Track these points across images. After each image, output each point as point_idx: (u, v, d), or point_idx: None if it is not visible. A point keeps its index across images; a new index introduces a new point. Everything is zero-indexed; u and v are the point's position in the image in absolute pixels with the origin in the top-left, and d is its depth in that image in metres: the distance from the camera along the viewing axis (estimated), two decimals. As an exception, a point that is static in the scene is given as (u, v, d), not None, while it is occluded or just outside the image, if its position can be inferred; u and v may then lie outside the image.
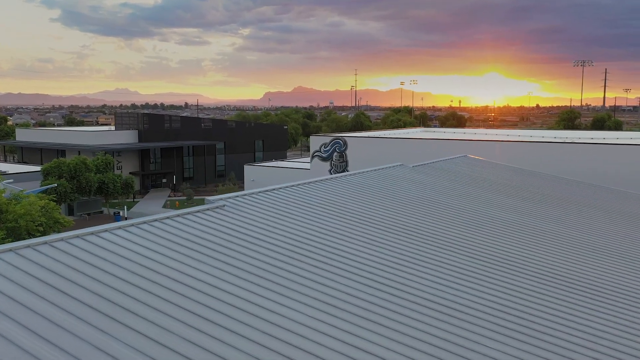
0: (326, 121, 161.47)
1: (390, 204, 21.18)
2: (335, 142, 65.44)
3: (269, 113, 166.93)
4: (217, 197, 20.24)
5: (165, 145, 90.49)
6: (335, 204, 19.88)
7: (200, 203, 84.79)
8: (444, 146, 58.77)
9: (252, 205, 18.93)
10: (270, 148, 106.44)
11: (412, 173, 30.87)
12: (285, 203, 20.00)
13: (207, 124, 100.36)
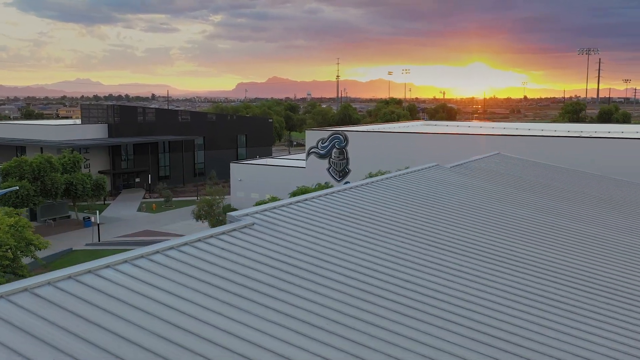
0: (310, 113, 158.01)
1: (438, 213, 19.72)
2: (334, 137, 62.07)
3: (249, 105, 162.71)
4: (242, 213, 17.21)
5: (138, 140, 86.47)
6: (380, 216, 18.15)
7: (180, 205, 79.65)
8: (455, 142, 55.91)
9: (284, 222, 16.32)
10: (254, 143, 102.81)
11: (451, 175, 28.12)
12: (321, 217, 17.47)
13: (185, 117, 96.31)
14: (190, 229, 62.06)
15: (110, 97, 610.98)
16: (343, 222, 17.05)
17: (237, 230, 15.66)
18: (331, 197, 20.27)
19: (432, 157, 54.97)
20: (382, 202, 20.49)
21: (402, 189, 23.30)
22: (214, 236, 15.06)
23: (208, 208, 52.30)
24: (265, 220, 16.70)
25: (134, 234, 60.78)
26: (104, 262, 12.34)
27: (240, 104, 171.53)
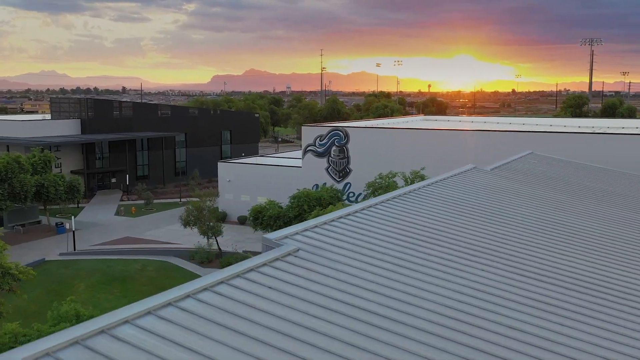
0: (296, 108, 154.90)
1: (494, 225, 18.01)
2: (333, 133, 59.19)
3: (231, 99, 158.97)
4: (280, 235, 14.86)
5: (114, 137, 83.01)
6: (429, 230, 16.34)
7: (162, 208, 75.19)
8: (471, 139, 53.49)
9: (330, 245, 13.94)
10: (240, 140, 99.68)
11: (494, 179, 25.97)
12: (369, 236, 15.01)
13: (165, 112, 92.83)
14: (176, 235, 58.91)
15: (77, 90, 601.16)
16: (392, 241, 14.94)
17: (280, 259, 12.93)
18: (373, 211, 17.88)
19: (445, 156, 52.61)
20: (429, 213, 18.40)
21: (448, 197, 20.89)
22: (254, 269, 12.34)
23: (197, 213, 49.08)
24: (308, 244, 14.16)
25: (113, 242, 57.34)
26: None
27: (221, 97, 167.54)
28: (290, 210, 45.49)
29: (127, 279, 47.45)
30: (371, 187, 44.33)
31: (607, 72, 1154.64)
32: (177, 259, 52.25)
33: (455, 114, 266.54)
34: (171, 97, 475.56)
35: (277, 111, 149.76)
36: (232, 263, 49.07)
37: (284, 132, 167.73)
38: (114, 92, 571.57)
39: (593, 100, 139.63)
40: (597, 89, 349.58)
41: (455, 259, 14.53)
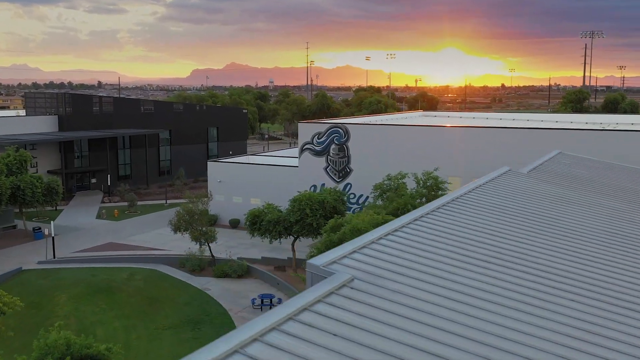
0: (284, 103, 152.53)
1: (549, 236, 16.44)
2: (333, 131, 57.12)
3: (215, 94, 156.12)
4: (327, 260, 12.80)
5: (94, 135, 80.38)
6: (483, 245, 14.72)
7: (147, 211, 72.13)
8: (474, 136, 52.11)
9: (386, 271, 12.00)
10: (227, 137, 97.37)
11: (534, 182, 24.07)
12: (423, 257, 13.21)
13: (148, 108, 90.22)
14: (164, 240, 56.56)
15: (51, 85, 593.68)
16: (452, 262, 13.18)
17: (335, 293, 10.82)
18: (420, 225, 16.12)
19: (458, 155, 50.87)
20: (482, 226, 16.50)
21: (497, 205, 19.19)
22: (308, 308, 10.28)
23: (189, 217, 46.74)
24: (361, 270, 12.24)
25: (96, 248, 54.82)
26: None
27: (205, 92, 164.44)
28: (291, 215, 43.32)
29: (114, 290, 45.07)
30: (379, 189, 42.33)
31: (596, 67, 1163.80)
32: (166, 266, 49.95)
33: (445, 109, 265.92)
34: (149, 92, 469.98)
35: (263, 107, 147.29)
36: (227, 271, 46.93)
37: (270, 129, 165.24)
38: (89, 87, 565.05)
39: (607, 95, 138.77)
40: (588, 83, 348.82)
41: (532, 285, 12.61)
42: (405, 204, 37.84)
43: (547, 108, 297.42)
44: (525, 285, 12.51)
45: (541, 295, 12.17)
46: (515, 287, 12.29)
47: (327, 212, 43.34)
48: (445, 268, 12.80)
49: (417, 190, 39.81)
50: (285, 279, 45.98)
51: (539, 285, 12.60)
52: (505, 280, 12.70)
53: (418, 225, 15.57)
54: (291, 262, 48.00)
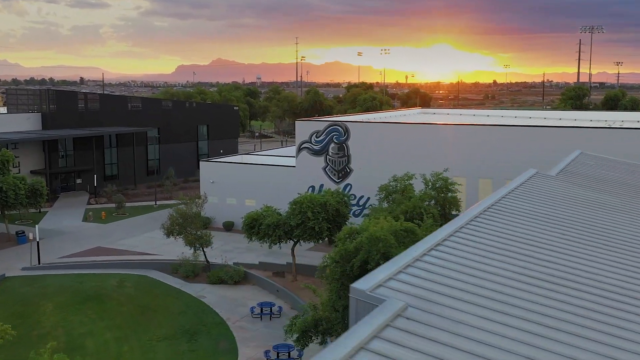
0: (275, 100, 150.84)
1: (595, 246, 15.26)
2: (332, 129, 55.73)
3: (204, 90, 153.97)
4: (372, 284, 11.09)
5: (79, 133, 78.60)
6: (549, 263, 13.41)
7: (135, 213, 70.11)
8: (484, 134, 51.00)
9: (437, 295, 10.76)
10: (218, 135, 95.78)
11: (570, 187, 22.79)
12: (472, 275, 11.93)
13: (136, 105, 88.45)
14: (155, 244, 54.99)
15: (31, 81, 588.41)
16: (504, 281, 11.91)
17: (390, 326, 9.37)
18: (461, 238, 14.36)
19: (467, 154, 49.65)
20: (528, 237, 15.17)
21: (537, 213, 18.17)
22: (364, 347, 8.82)
23: (183, 221, 45.12)
24: (412, 295, 11.00)
25: (83, 253, 53.10)
26: None
27: (194, 89, 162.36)
28: (292, 218, 41.80)
29: (103, 298, 43.42)
30: (384, 190, 40.98)
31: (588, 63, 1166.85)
32: (158, 272, 48.37)
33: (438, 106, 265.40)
34: (133, 88, 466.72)
35: (253, 104, 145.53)
36: (223, 278, 45.35)
37: (263, 126, 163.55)
38: (72, 83, 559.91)
39: (607, 91, 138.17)
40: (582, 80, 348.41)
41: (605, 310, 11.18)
42: (415, 206, 36.50)
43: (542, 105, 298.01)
44: (597, 309, 11.16)
45: (615, 321, 10.81)
46: (587, 312, 10.93)
47: (330, 215, 41.92)
48: (504, 290, 11.44)
49: (426, 192, 38.47)
50: (284, 285, 44.52)
51: (613, 310, 11.23)
52: (572, 303, 11.34)
53: (460, 238, 14.21)
54: (290, 267, 46.54)
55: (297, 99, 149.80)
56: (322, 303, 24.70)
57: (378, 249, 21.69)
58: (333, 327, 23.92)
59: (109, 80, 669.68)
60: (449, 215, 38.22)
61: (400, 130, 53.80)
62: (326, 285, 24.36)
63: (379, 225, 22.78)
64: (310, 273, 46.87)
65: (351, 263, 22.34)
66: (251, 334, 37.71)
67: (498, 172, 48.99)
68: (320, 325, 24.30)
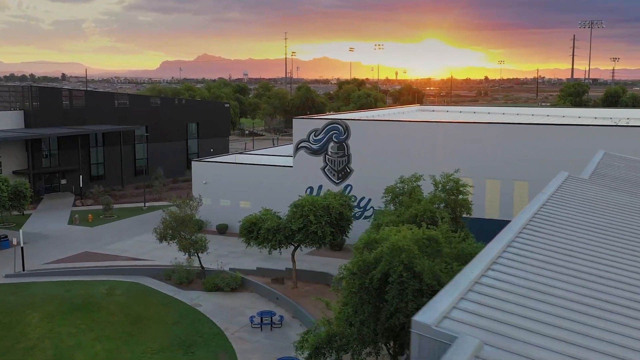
0: (265, 97, 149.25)
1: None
2: (331, 127, 54.32)
3: (192, 87, 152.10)
4: (435, 317, 10.79)
5: (64, 132, 76.81)
6: (621, 284, 12.07)
7: (124, 215, 68.76)
8: (499, 133, 49.68)
9: (515, 327, 9.46)
10: (208, 134, 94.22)
11: (603, 190, 21.47)
12: (544, 299, 10.69)
13: (123, 102, 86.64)
14: (145, 248, 53.41)
15: (12, 77, 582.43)
16: (574, 305, 10.67)
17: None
18: (513, 254, 13.29)
19: (480, 154, 48.44)
20: (578, 250, 13.95)
21: (579, 222, 17.06)
22: None
23: (177, 225, 43.52)
24: (483, 329, 9.60)
25: (70, 258, 51.36)
26: None
27: (181, 85, 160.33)
28: (293, 222, 40.27)
29: (92, 307, 41.74)
30: (390, 192, 39.48)
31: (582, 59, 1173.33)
32: (150, 279, 46.76)
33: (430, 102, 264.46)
34: (117, 85, 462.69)
35: (243, 100, 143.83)
36: (219, 284, 43.74)
37: (250, 124, 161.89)
38: (53, 79, 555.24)
39: (607, 88, 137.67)
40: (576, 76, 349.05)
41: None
42: (425, 210, 35.07)
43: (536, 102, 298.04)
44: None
45: None
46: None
47: (333, 219, 40.46)
48: (581, 319, 10.10)
49: (436, 195, 37.07)
50: (284, 292, 43.06)
51: None
52: None
53: (514, 254, 12.88)
54: (290, 273, 45.08)
55: (287, 95, 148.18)
56: (336, 317, 23.25)
57: (401, 260, 20.29)
58: (348, 343, 22.52)
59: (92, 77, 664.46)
60: (460, 219, 36.85)
61: (404, 129, 52.46)
62: (341, 299, 22.84)
63: (402, 234, 21.35)
64: (310, 279, 45.53)
65: (370, 275, 20.92)
66: (252, 345, 36.22)
67: (509, 172, 47.87)
68: (334, 341, 22.89)
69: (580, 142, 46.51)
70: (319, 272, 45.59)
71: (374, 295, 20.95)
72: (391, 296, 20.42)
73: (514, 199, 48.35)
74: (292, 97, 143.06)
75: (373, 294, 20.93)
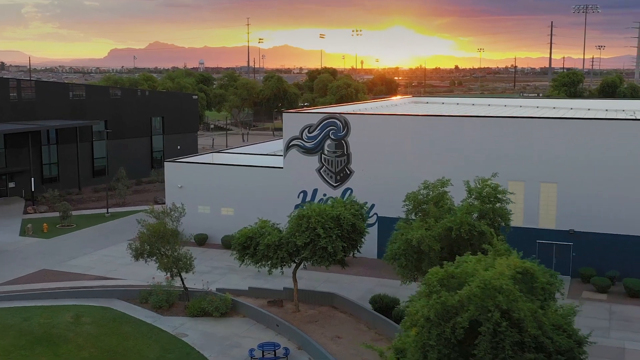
0: (231, 88, 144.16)
1: None
2: (328, 122, 50.57)
3: (151, 76, 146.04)
4: None
5: (11, 128, 71.98)
6: None
7: (84, 223, 63.72)
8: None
9: None
10: (175, 129, 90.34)
11: None
12: None
13: (79, 94, 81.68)
14: (112, 264, 49.10)
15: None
16: None
17: None
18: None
19: (509, 153, 44.96)
20: None
21: None
22: None
23: (156, 240, 38.90)
24: None
25: (25, 278, 46.49)
26: None
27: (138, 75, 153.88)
28: (298, 236, 35.96)
29: (56, 340, 37.04)
30: (412, 200, 35.63)
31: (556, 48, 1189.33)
32: (123, 302, 42.18)
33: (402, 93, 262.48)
34: (62, 75, 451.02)
35: (208, 92, 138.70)
36: (206, 309, 39.06)
37: (214, 117, 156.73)
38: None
39: (604, 77, 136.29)
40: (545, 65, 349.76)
41: None
42: (462, 222, 31.30)
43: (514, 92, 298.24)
44: None
45: None
46: None
47: (345, 232, 36.32)
48: None
49: (472, 204, 33.30)
50: (284, 317, 38.84)
51: None
52: None
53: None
54: (289, 293, 40.93)
55: (257, 86, 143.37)
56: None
57: (497, 304, 16.35)
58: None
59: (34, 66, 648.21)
60: (499, 232, 33.16)
61: (418, 125, 48.86)
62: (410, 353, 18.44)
63: (498, 269, 17.30)
64: (314, 300, 41.38)
65: (452, 322, 16.90)
66: (255, 387, 31.96)
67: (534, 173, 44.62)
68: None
69: (615, 138, 43.57)
70: (324, 292, 41.51)
71: (457, 349, 16.95)
72: (483, 351, 16.48)
73: (540, 202, 45.16)
74: (261, 88, 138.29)
75: (456, 347, 16.92)
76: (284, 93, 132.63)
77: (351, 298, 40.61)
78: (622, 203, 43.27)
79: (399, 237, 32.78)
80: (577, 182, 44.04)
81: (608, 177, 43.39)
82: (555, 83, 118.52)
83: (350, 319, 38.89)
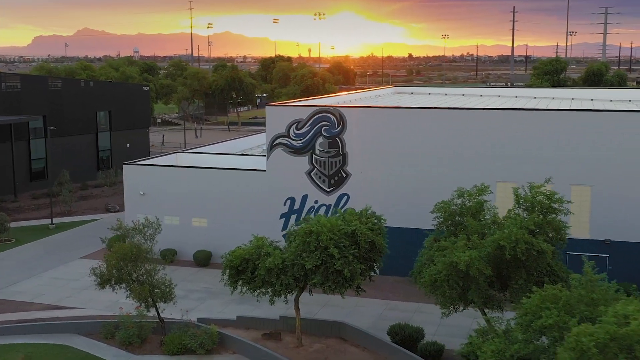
0: (179, 78, 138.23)
1: None
2: (320, 117, 46.23)
3: (90, 65, 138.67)
4: None
5: None
6: None
7: (26, 238, 58.69)
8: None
9: None
10: (123, 125, 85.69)
11: None
12: None
13: (12, 85, 75.27)
14: (66, 289, 43.90)
15: None
16: None
17: None
18: None
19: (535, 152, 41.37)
20: None
21: None
22: None
23: (126, 264, 33.66)
24: None
25: (-41, 310, 40.34)
26: None
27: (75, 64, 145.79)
28: (306, 258, 31.18)
29: (4, 392, 31.49)
30: (444, 211, 31.46)
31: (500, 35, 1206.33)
32: (83, 338, 37.01)
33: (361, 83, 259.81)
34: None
35: (154, 82, 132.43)
36: (188, 345, 33.82)
37: (160, 110, 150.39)
38: None
39: (589, 64, 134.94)
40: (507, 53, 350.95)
41: None
42: (517, 240, 27.13)
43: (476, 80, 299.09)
44: None
45: None
46: None
47: (363, 251, 31.74)
48: None
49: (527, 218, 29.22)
50: (285, 353, 34.15)
51: None
52: None
53: None
54: (286, 323, 36.28)
55: (208, 76, 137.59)
56: None
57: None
58: None
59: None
60: (557, 250, 29.22)
61: (429, 119, 44.71)
62: None
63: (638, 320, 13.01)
64: (317, 331, 36.72)
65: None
66: None
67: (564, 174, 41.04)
68: None
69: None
70: (331, 321, 36.88)
71: None
72: None
73: (572, 208, 41.64)
74: (214, 78, 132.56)
75: None
76: (240, 83, 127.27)
77: (363, 328, 36.19)
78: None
79: (439, 259, 28.44)
80: (614, 185, 40.57)
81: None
82: (537, 71, 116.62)
83: (365, 355, 34.46)
